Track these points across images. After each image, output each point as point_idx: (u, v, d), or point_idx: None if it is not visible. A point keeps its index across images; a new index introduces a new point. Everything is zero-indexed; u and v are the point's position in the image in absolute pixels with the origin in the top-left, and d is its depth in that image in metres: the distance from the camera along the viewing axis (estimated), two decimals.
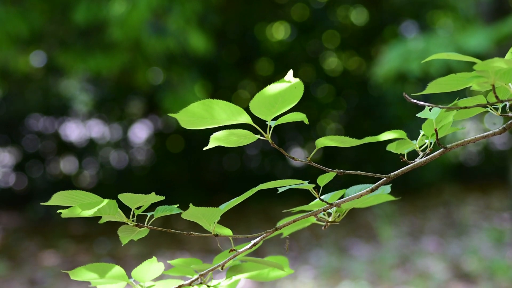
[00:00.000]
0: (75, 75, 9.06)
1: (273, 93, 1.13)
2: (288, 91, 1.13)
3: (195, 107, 1.14)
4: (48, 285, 5.94)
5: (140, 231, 1.21)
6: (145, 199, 1.16)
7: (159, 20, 6.64)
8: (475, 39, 5.91)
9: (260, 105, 1.14)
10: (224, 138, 1.18)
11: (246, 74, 9.98)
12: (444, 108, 1.18)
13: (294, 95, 1.14)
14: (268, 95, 1.13)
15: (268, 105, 1.14)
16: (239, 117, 1.15)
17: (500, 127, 1.22)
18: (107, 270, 1.21)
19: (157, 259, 1.24)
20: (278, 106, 1.14)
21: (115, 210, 1.17)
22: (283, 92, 1.13)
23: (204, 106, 1.14)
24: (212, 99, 1.14)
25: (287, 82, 1.12)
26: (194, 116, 1.14)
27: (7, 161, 9.89)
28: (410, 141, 1.27)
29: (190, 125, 1.16)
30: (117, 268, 1.21)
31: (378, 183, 1.21)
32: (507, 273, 5.49)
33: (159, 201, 1.24)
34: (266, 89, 1.13)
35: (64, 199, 1.17)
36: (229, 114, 1.14)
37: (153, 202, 1.23)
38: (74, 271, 1.21)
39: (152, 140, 10.14)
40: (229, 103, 1.14)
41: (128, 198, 1.16)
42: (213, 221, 1.20)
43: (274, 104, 1.14)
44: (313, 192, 1.21)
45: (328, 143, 1.21)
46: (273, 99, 1.13)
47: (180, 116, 1.15)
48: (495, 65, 1.05)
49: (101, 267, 1.21)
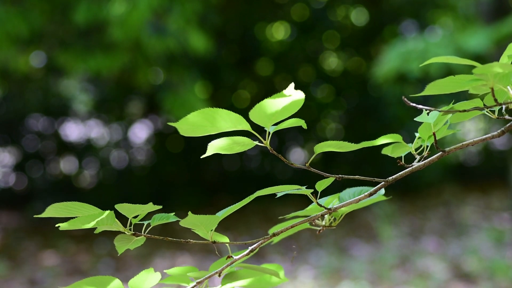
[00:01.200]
0: (75, 75, 9.05)
1: (273, 105, 1.12)
2: (289, 105, 1.12)
3: (195, 117, 1.12)
4: (48, 285, 5.94)
5: (137, 239, 1.20)
6: (142, 209, 1.15)
7: (160, 20, 6.64)
8: (475, 39, 5.91)
9: (260, 115, 1.13)
10: (223, 145, 1.18)
11: (246, 74, 9.98)
12: (442, 111, 1.18)
13: (294, 107, 1.13)
14: (268, 107, 1.12)
15: (268, 115, 1.13)
16: (238, 125, 1.14)
17: (499, 130, 1.22)
18: (106, 283, 1.19)
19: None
20: (277, 116, 1.14)
21: (113, 221, 1.16)
22: (284, 106, 1.12)
23: (204, 115, 1.13)
24: (212, 108, 1.13)
25: (288, 96, 1.11)
26: (194, 125, 1.14)
27: (7, 161, 9.89)
28: (406, 145, 1.27)
29: (189, 133, 1.15)
30: (116, 282, 1.19)
31: (376, 187, 1.21)
32: (507, 273, 5.49)
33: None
34: (266, 101, 1.11)
35: (59, 211, 1.16)
36: (229, 122, 1.13)
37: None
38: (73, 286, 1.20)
39: (152, 140, 10.13)
40: (229, 112, 1.13)
41: (126, 208, 1.15)
42: (211, 228, 1.20)
43: (274, 114, 1.13)
44: (311, 197, 1.21)
45: (327, 149, 1.21)
46: (273, 110, 1.12)
47: (179, 125, 1.13)
48: (494, 68, 1.05)
49: (99, 280, 1.19)
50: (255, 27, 9.77)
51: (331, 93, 10.13)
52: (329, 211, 1.21)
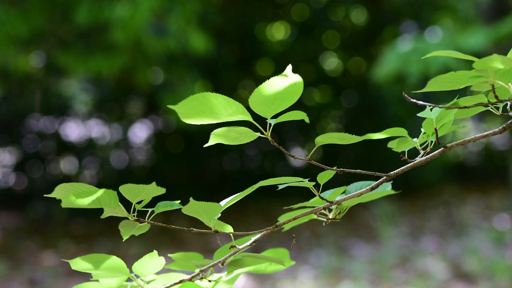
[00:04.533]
0: (75, 76, 9.06)
1: (272, 89, 1.12)
2: (288, 88, 1.13)
3: (193, 99, 1.14)
4: (48, 285, 5.94)
5: (141, 226, 1.21)
6: (145, 190, 1.16)
7: (160, 21, 6.64)
8: (474, 38, 5.92)
9: (259, 101, 1.13)
10: (224, 134, 1.18)
11: (246, 74, 9.98)
12: (444, 107, 1.18)
13: (293, 92, 1.13)
14: (267, 91, 1.13)
15: (267, 101, 1.13)
16: (238, 113, 1.15)
17: (500, 126, 1.22)
18: (107, 261, 1.21)
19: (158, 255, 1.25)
20: (277, 103, 1.14)
21: (116, 203, 1.16)
22: (283, 89, 1.13)
23: (202, 99, 1.14)
24: (210, 92, 1.15)
25: (286, 77, 1.11)
26: (192, 109, 1.14)
27: (7, 161, 9.89)
28: (411, 139, 1.27)
29: (189, 118, 1.16)
30: (117, 260, 1.21)
31: (378, 181, 1.21)
32: (507, 273, 5.49)
33: (159, 198, 1.24)
34: (265, 84, 1.12)
35: (67, 191, 1.18)
36: (228, 108, 1.13)
37: (153, 200, 1.23)
38: (74, 261, 1.22)
39: (152, 140, 10.14)
40: (227, 97, 1.13)
41: (129, 189, 1.15)
42: (214, 217, 1.20)
43: (274, 101, 1.13)
44: (313, 190, 1.21)
45: (328, 141, 1.21)
46: (272, 95, 1.13)
47: (179, 108, 1.15)
48: (494, 63, 1.05)
49: (101, 257, 1.21)
50: (255, 27, 9.77)
51: (331, 93, 10.14)
52: (331, 204, 1.21)
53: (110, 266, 1.21)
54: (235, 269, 1.26)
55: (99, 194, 1.13)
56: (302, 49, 9.74)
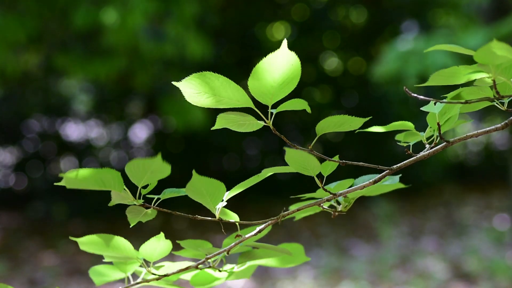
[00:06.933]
0: (74, 77, 9.06)
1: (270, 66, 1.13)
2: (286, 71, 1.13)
3: (195, 77, 1.16)
4: (48, 285, 5.94)
5: (147, 212, 1.20)
6: (150, 167, 1.13)
7: (157, 26, 6.63)
8: (474, 39, 5.93)
9: (259, 82, 1.14)
10: (230, 118, 1.19)
11: (246, 74, 9.94)
12: (447, 103, 1.18)
13: (292, 73, 1.14)
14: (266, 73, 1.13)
15: (267, 85, 1.14)
16: (240, 98, 1.17)
17: (502, 122, 1.22)
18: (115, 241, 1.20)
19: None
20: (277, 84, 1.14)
21: (121, 185, 1.15)
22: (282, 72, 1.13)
23: (204, 78, 1.16)
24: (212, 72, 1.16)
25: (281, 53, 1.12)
26: (195, 88, 1.16)
27: (7, 161, 9.89)
28: (417, 133, 1.28)
29: (192, 99, 1.18)
30: (125, 241, 1.20)
31: (381, 175, 1.22)
32: (507, 273, 5.49)
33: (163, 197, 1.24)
34: (262, 63, 1.13)
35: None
36: (229, 92, 1.15)
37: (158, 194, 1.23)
38: (82, 240, 1.21)
39: (152, 140, 10.13)
40: (229, 80, 1.17)
41: (134, 166, 1.13)
42: (218, 200, 1.20)
43: (272, 84, 1.14)
44: (317, 181, 1.22)
45: (328, 129, 1.21)
46: (271, 79, 1.14)
47: (182, 85, 1.17)
48: (494, 51, 1.04)
49: (109, 238, 1.20)
50: (255, 27, 9.77)
51: (331, 93, 10.14)
52: (334, 196, 1.21)
53: (120, 248, 1.21)
54: (246, 260, 1.26)
55: (102, 174, 1.12)
56: (302, 49, 9.74)
